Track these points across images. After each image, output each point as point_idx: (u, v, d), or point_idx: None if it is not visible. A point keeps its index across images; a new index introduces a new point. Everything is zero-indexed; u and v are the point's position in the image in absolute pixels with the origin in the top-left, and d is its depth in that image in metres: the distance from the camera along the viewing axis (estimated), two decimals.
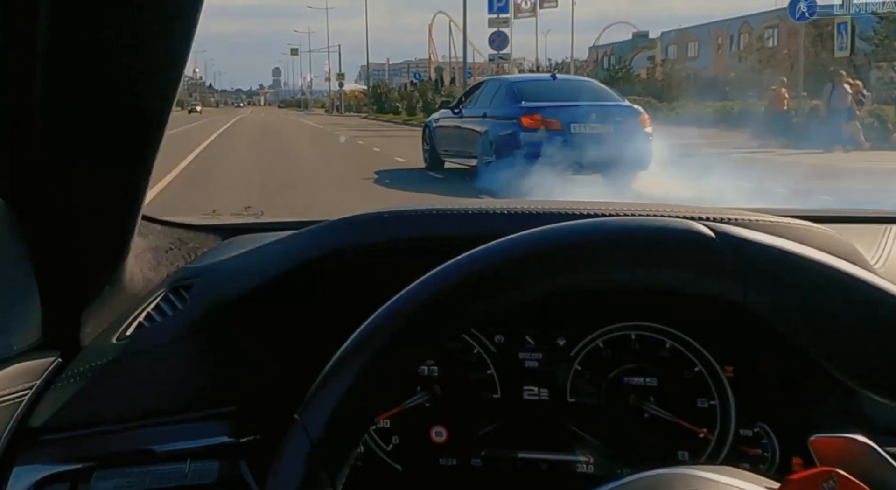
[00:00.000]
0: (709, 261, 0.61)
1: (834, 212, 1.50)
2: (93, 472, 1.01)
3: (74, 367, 1.09)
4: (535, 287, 0.64)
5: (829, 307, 0.60)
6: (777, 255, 0.61)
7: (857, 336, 0.60)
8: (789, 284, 0.60)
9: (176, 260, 1.31)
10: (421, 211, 1.16)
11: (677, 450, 1.15)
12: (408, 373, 0.67)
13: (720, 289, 0.62)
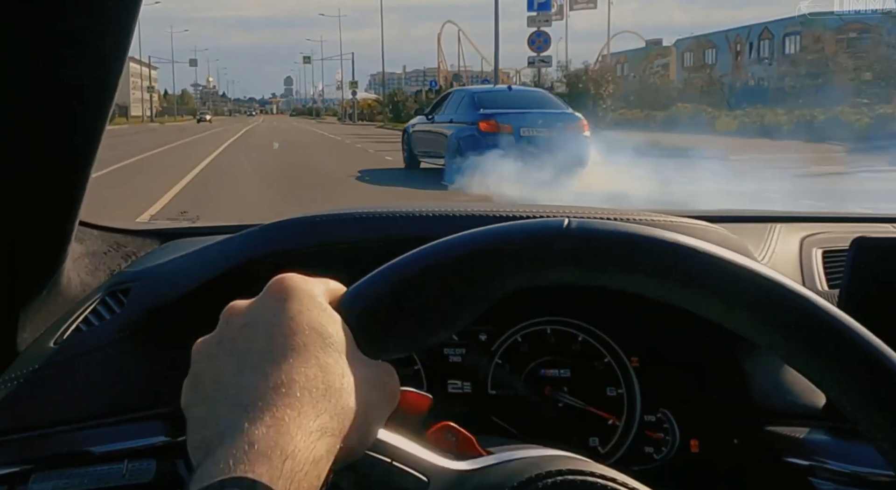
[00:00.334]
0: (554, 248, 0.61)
1: (726, 212, 1.56)
2: (30, 474, 1.00)
3: (11, 371, 1.08)
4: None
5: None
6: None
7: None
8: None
9: (113, 264, 1.30)
10: (349, 214, 1.16)
11: (589, 436, 1.18)
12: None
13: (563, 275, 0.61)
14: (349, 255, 1.12)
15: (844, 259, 1.09)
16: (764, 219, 1.46)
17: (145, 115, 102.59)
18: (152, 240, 1.39)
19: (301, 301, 0.56)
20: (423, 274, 0.59)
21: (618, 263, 0.60)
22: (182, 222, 1.56)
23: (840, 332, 0.55)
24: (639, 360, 1.19)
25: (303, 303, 0.56)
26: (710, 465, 1.17)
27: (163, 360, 1.14)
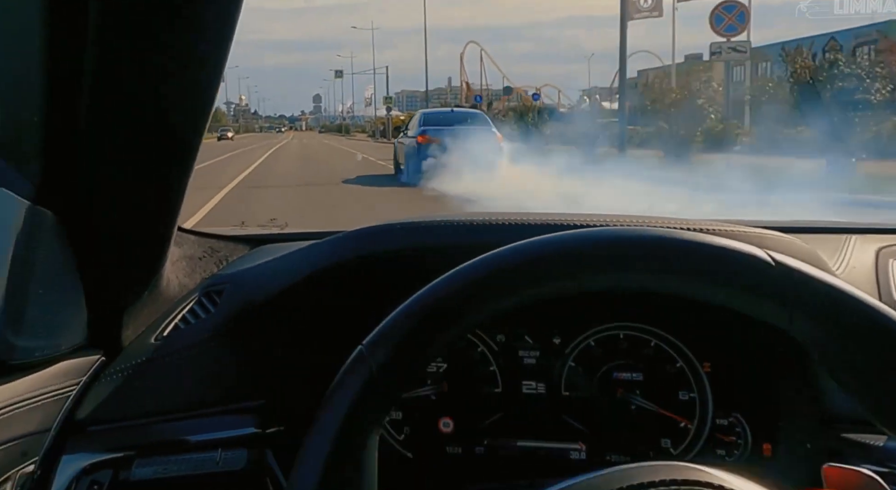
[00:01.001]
0: (763, 285, 0.61)
1: (800, 223, 1.53)
2: (133, 459, 1.04)
3: (116, 365, 1.11)
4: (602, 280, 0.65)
5: (868, 347, 0.59)
6: (826, 289, 0.60)
7: (889, 377, 0.60)
8: (833, 319, 0.60)
9: (208, 267, 1.33)
10: (425, 223, 1.20)
11: (661, 438, 1.18)
12: (462, 333, 0.66)
13: (769, 313, 0.62)
14: (421, 259, 1.14)
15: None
16: (840, 230, 1.43)
17: None
18: (243, 245, 1.43)
19: None
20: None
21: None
22: (271, 229, 1.59)
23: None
24: (711, 365, 1.19)
25: None
26: (783, 469, 1.15)
27: (253, 357, 1.17)
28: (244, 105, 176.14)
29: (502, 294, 0.63)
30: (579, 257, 0.63)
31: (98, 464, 1.02)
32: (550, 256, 0.64)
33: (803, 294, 0.60)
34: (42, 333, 1.00)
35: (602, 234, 0.65)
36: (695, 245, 0.63)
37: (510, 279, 0.64)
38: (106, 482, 1.02)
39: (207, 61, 0.92)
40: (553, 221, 1.19)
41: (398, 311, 0.64)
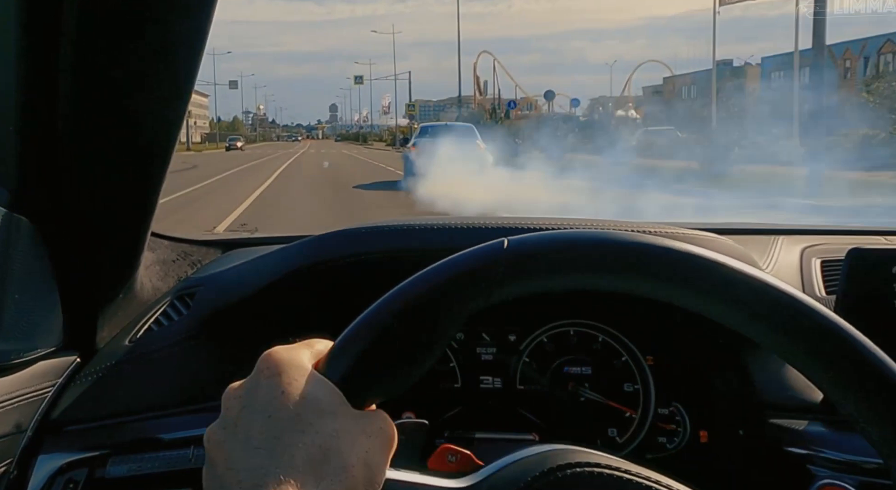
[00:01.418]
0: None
1: (734, 225, 1.59)
2: (108, 458, 1.04)
3: (91, 366, 1.12)
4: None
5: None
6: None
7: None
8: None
9: (181, 271, 1.34)
10: (386, 227, 1.21)
11: (608, 427, 1.21)
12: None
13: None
14: (386, 262, 1.15)
15: (840, 268, 1.12)
16: (768, 231, 1.49)
17: (181, 141, 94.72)
18: (215, 249, 1.43)
19: (289, 373, 0.57)
20: (392, 322, 0.59)
21: (551, 269, 0.61)
22: (242, 233, 1.58)
23: (837, 334, 0.56)
24: (653, 358, 1.23)
25: (290, 374, 0.57)
26: (717, 453, 1.19)
27: (225, 356, 1.18)
28: (262, 114, 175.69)
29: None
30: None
31: (74, 463, 1.02)
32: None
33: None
34: (18, 336, 1.00)
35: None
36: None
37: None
38: (82, 480, 1.02)
39: (179, 71, 0.93)
40: (515, 225, 1.20)
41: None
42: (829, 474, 0.99)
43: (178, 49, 0.90)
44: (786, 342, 0.58)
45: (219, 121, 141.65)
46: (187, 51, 0.90)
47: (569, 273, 0.60)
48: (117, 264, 1.14)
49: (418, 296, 0.59)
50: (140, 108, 0.96)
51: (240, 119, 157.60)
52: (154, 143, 1.00)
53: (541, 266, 0.60)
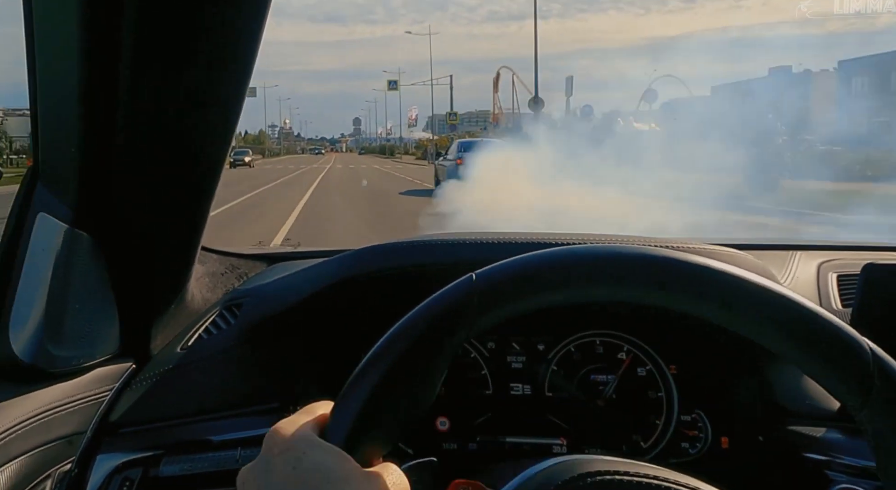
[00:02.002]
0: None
1: (752, 240, 1.60)
2: (161, 458, 1.06)
3: (146, 372, 1.13)
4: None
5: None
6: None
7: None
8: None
9: (229, 282, 1.35)
10: (421, 242, 1.23)
11: (632, 433, 1.21)
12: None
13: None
14: (419, 274, 1.16)
15: (856, 282, 1.12)
16: (786, 247, 1.49)
17: None
18: (261, 262, 1.45)
19: (297, 447, 0.56)
20: (383, 378, 0.59)
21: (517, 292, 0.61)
22: (286, 247, 1.57)
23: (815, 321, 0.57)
24: (676, 367, 1.23)
25: (298, 448, 0.56)
26: (738, 459, 1.19)
27: (269, 364, 1.19)
28: (288, 128, 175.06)
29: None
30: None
31: (129, 462, 1.04)
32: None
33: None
34: (79, 344, 1.02)
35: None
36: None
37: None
38: (137, 479, 1.03)
39: (230, 91, 0.94)
40: (540, 240, 1.21)
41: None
42: (846, 479, 0.99)
43: (230, 69, 0.92)
44: (750, 326, 0.59)
45: (245, 134, 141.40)
46: (238, 69, 0.92)
47: (538, 293, 0.61)
48: (170, 276, 1.16)
49: (404, 348, 0.60)
50: (193, 129, 0.97)
51: (266, 133, 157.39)
52: (205, 162, 1.02)
53: (510, 292, 0.61)
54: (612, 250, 0.62)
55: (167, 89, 0.91)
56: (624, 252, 0.62)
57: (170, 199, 1.05)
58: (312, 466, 0.55)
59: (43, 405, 0.95)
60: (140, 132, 0.95)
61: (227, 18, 0.86)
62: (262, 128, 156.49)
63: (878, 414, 0.56)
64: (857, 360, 0.56)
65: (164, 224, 1.07)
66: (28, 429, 0.91)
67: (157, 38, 0.86)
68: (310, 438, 0.57)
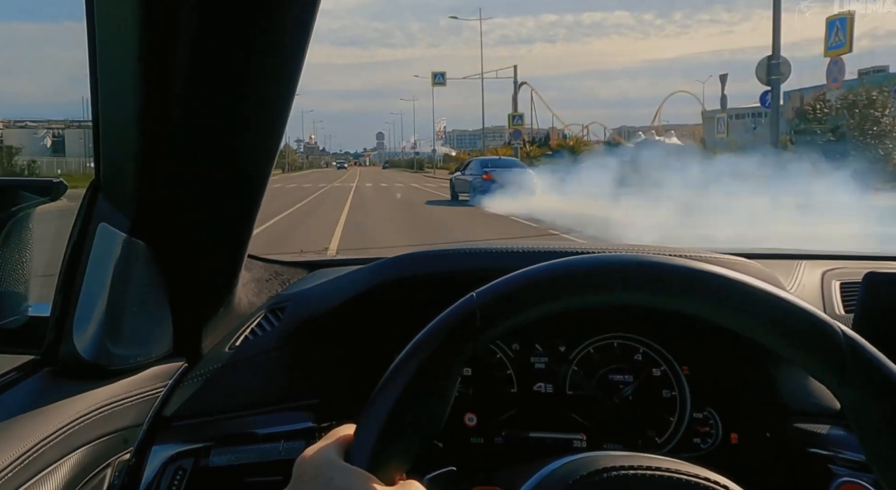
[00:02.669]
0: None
1: (759, 250, 1.61)
2: (211, 449, 1.08)
3: (197, 370, 1.15)
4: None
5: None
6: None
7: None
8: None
9: (273, 288, 1.37)
10: (448, 251, 1.25)
11: (647, 430, 1.23)
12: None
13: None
14: (447, 281, 1.18)
15: (858, 289, 1.14)
16: (793, 256, 1.50)
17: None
18: (302, 269, 1.47)
19: (324, 473, 0.57)
20: (399, 399, 0.60)
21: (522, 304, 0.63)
22: (325, 255, 1.63)
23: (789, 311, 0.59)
24: (688, 368, 1.23)
25: (326, 474, 0.57)
26: (746, 454, 1.20)
27: (309, 363, 1.21)
28: (314, 143, 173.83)
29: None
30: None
31: (182, 453, 1.06)
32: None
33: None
34: (135, 344, 1.05)
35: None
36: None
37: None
38: (189, 468, 1.06)
39: (274, 117, 0.97)
40: (555, 249, 1.24)
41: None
42: (849, 473, 1.00)
43: (276, 87, 0.93)
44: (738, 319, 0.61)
45: None
46: (284, 87, 0.93)
47: (535, 305, 0.63)
48: (219, 282, 1.18)
49: (415, 369, 0.61)
50: (241, 146, 0.99)
51: (291, 147, 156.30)
52: (252, 176, 1.04)
53: (508, 306, 0.63)
54: (594, 260, 0.64)
55: (218, 109, 0.94)
56: (605, 260, 0.64)
57: (219, 210, 1.07)
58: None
59: (103, 400, 0.97)
60: (192, 149, 0.97)
61: (275, 39, 0.87)
62: (288, 142, 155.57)
63: (854, 389, 0.58)
64: (832, 343, 0.58)
65: (213, 233, 1.09)
66: (90, 421, 0.93)
67: (209, 61, 0.89)
68: (336, 463, 0.58)
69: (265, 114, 0.96)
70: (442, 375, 0.61)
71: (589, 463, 0.65)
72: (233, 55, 0.88)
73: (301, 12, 0.85)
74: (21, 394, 0.95)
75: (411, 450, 0.60)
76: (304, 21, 0.86)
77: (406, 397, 0.60)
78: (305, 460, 0.60)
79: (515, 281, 0.63)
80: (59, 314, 1.00)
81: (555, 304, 0.63)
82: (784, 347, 0.60)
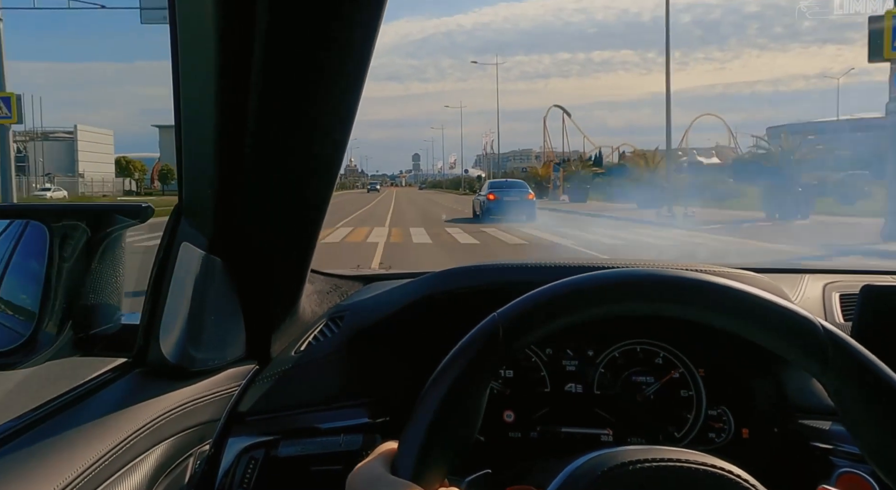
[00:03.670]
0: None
1: (765, 264, 1.63)
2: (280, 441, 1.11)
3: (267, 372, 1.18)
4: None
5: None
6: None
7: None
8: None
9: (333, 299, 1.41)
10: (485, 266, 1.29)
11: (667, 426, 1.25)
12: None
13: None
14: (488, 293, 1.21)
15: (856, 301, 1.17)
16: (798, 271, 1.54)
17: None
18: (359, 282, 1.51)
19: (374, 486, 0.60)
20: (435, 413, 0.63)
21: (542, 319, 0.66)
22: (379, 270, 1.64)
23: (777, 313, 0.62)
24: (704, 370, 1.26)
25: (375, 487, 0.60)
26: (756, 447, 1.22)
27: (366, 365, 1.23)
28: (353, 166, 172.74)
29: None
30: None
31: (254, 445, 1.10)
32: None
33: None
34: (213, 349, 1.08)
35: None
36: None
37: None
38: (260, 458, 1.09)
39: (336, 151, 1.00)
40: (593, 264, 1.27)
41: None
42: (848, 464, 1.02)
43: (337, 119, 0.95)
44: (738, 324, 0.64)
45: None
46: (343, 121, 0.96)
47: (552, 320, 0.66)
48: (286, 294, 1.20)
49: (448, 386, 0.64)
50: (306, 178, 1.02)
51: None
52: (314, 201, 1.06)
53: (526, 323, 0.65)
54: (603, 276, 0.67)
55: (286, 144, 0.97)
56: (613, 276, 0.67)
57: (286, 232, 1.09)
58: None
59: (186, 398, 1.00)
60: (263, 179, 1.00)
61: (338, 75, 0.90)
62: None
63: (835, 376, 0.61)
64: (814, 337, 0.61)
65: (281, 251, 1.11)
66: (174, 417, 0.96)
67: (278, 103, 0.92)
68: (383, 477, 0.60)
69: (327, 148, 0.98)
70: (472, 389, 0.64)
71: (615, 456, 0.66)
72: (298, 98, 0.91)
73: (361, 45, 0.87)
74: (115, 392, 0.98)
75: (449, 458, 0.63)
76: (363, 54, 0.88)
77: (442, 411, 0.62)
78: (356, 476, 0.61)
79: (533, 299, 0.66)
80: (147, 322, 1.03)
81: (568, 319, 0.66)
82: (775, 342, 0.63)
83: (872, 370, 0.60)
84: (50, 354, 1.00)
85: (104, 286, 1.07)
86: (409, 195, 55.47)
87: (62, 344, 1.02)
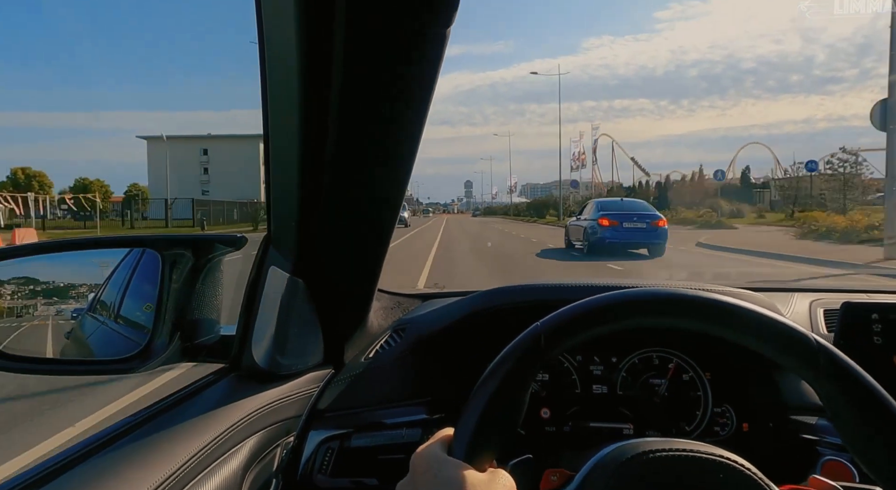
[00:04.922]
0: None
1: (766, 284, 1.70)
2: (352, 434, 1.15)
3: (341, 375, 1.22)
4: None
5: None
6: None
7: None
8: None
9: (396, 314, 1.45)
10: (528, 286, 1.34)
11: (679, 421, 1.29)
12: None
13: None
14: (532, 309, 1.15)
15: (837, 315, 1.24)
16: (789, 290, 1.59)
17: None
18: (417, 299, 1.55)
19: (433, 466, 0.62)
20: (486, 405, 0.66)
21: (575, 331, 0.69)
22: (434, 289, 1.73)
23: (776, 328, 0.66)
24: (710, 374, 1.31)
25: (434, 467, 0.62)
26: (755, 439, 1.26)
27: (424, 370, 1.28)
28: (409, 195, 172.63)
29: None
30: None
31: (331, 437, 1.14)
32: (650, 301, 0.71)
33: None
34: (297, 356, 1.12)
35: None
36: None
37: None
38: (336, 448, 1.13)
39: (401, 184, 1.03)
40: (620, 284, 1.31)
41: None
42: (831, 453, 1.05)
43: (400, 160, 0.97)
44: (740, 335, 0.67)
45: None
46: (407, 160, 0.98)
47: (585, 330, 0.69)
48: (357, 310, 1.24)
49: (498, 382, 0.67)
50: (376, 209, 1.05)
51: None
52: (381, 230, 1.09)
53: (564, 332, 0.69)
54: (626, 294, 0.70)
55: (359, 181, 1.00)
56: (633, 294, 0.70)
57: (357, 258, 1.13)
58: (445, 479, 0.61)
59: (274, 398, 1.03)
60: (339, 213, 1.04)
61: (405, 118, 0.92)
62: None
63: (826, 383, 0.63)
64: (807, 348, 0.64)
65: (353, 274, 1.15)
66: (264, 413, 0.99)
67: (352, 145, 0.94)
68: (441, 457, 0.63)
69: (393, 185, 1.01)
70: (518, 386, 0.67)
71: (635, 446, 0.69)
72: (369, 145, 0.94)
73: (421, 98, 0.90)
74: (215, 392, 1.02)
75: (497, 443, 0.65)
76: (423, 105, 0.91)
77: (491, 404, 0.66)
78: (418, 456, 0.64)
79: (570, 312, 0.70)
80: (241, 333, 1.06)
81: (599, 329, 0.70)
82: (773, 353, 0.66)
83: (856, 377, 0.63)
84: (161, 361, 1.05)
85: (206, 304, 1.11)
86: (462, 225, 42.45)
87: (172, 352, 1.06)
